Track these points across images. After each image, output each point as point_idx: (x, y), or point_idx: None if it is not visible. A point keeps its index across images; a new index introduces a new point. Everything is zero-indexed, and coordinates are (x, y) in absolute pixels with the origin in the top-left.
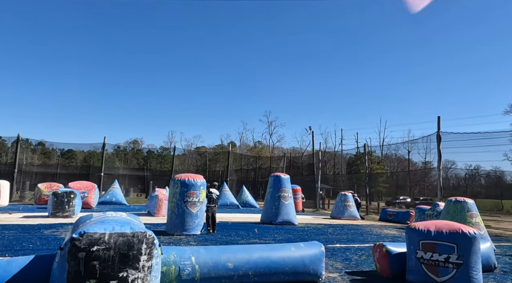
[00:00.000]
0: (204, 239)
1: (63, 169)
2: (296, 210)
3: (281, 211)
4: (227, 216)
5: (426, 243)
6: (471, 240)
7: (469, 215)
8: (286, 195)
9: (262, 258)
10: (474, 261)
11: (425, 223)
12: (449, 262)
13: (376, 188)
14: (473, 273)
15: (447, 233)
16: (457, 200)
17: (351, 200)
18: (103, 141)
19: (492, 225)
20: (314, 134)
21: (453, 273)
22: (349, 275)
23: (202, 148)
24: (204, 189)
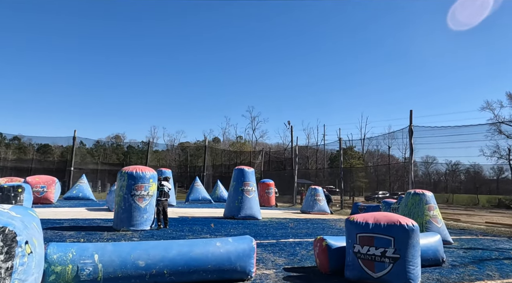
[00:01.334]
0: (150, 235)
1: (38, 164)
2: (269, 205)
3: (244, 205)
4: (192, 211)
5: (363, 236)
6: (409, 232)
7: (427, 208)
8: (250, 189)
9: (181, 255)
10: (411, 255)
11: (364, 215)
12: (385, 256)
13: (356, 183)
14: (410, 268)
15: (385, 225)
16: (416, 192)
17: (321, 194)
18: (73, 135)
19: (463, 218)
20: (293, 129)
21: (389, 268)
22: (286, 271)
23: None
24: (155, 182)
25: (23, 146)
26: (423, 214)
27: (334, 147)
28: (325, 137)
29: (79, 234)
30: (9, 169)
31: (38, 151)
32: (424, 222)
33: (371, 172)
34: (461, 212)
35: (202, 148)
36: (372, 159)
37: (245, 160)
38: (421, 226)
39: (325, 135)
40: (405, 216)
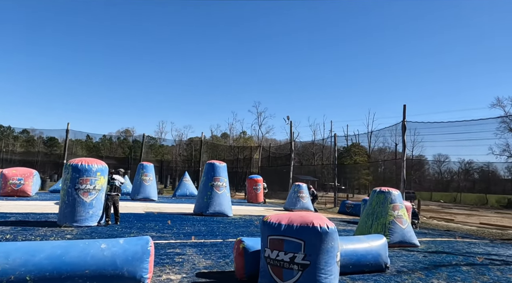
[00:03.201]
0: (91, 232)
1: (45, 157)
2: (257, 201)
3: (213, 201)
4: (166, 206)
5: (274, 239)
6: (321, 236)
7: (391, 207)
8: (220, 184)
9: (51, 259)
10: (324, 261)
11: (280, 215)
12: (294, 262)
13: (359, 180)
14: (321, 277)
15: (297, 227)
16: (381, 190)
17: (305, 191)
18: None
19: (460, 219)
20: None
21: (297, 276)
22: (197, 277)
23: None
24: (103, 175)
25: (31, 139)
26: (386, 214)
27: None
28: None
29: (14, 230)
30: (16, 161)
31: (46, 144)
32: (387, 223)
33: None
34: (464, 212)
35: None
36: (380, 156)
37: (248, 156)
38: (384, 227)
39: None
40: (369, 216)
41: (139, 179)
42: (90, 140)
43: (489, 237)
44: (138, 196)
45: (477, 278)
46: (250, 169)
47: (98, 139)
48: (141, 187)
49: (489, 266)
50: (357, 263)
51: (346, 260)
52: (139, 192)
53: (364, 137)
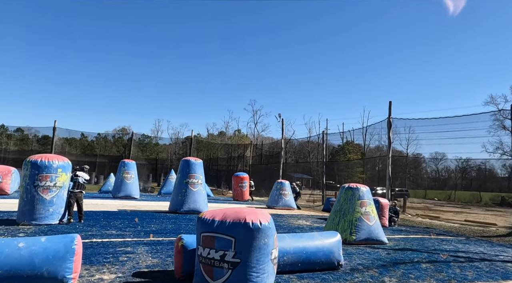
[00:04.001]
0: (47, 230)
1: None
2: (243, 199)
3: (187, 199)
4: (144, 204)
5: (206, 236)
6: (253, 232)
7: (359, 204)
8: (195, 181)
9: None
10: (256, 259)
11: (216, 210)
12: (224, 260)
13: (352, 178)
14: (252, 275)
15: (229, 223)
16: (350, 186)
17: (287, 188)
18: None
19: (449, 216)
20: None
21: (227, 275)
22: (133, 276)
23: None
24: (65, 172)
25: (25, 138)
26: (354, 211)
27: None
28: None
29: None
30: (10, 160)
31: (39, 143)
32: (354, 219)
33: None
34: (455, 209)
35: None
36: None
37: (242, 154)
38: (351, 224)
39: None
40: (336, 213)
41: (120, 176)
42: (85, 139)
43: (468, 234)
44: (119, 194)
45: (432, 275)
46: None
47: (93, 138)
48: (122, 185)
49: (451, 263)
50: (307, 260)
51: (295, 257)
52: (120, 190)
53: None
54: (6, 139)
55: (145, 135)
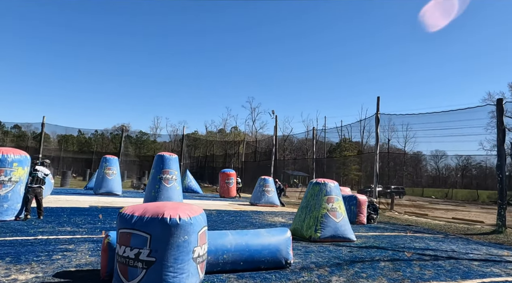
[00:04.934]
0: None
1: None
2: (229, 196)
3: (160, 195)
4: (123, 201)
5: (123, 232)
6: (170, 229)
7: (325, 200)
8: (170, 177)
9: None
10: (173, 258)
11: (138, 205)
12: (139, 259)
13: (349, 176)
14: (168, 275)
15: (147, 219)
16: (317, 182)
17: (270, 185)
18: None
19: (433, 214)
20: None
21: (142, 275)
22: (53, 277)
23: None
24: (22, 166)
25: (23, 134)
26: (320, 207)
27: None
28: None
29: None
30: None
31: (35, 139)
32: (320, 216)
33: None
34: (448, 207)
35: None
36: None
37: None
38: (316, 220)
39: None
40: (303, 209)
41: (101, 173)
42: (82, 135)
43: (450, 232)
44: (100, 190)
45: (386, 275)
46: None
47: (90, 134)
48: (103, 181)
49: (413, 262)
50: (250, 259)
51: (236, 256)
52: (101, 186)
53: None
54: (2, 136)
55: (142, 132)
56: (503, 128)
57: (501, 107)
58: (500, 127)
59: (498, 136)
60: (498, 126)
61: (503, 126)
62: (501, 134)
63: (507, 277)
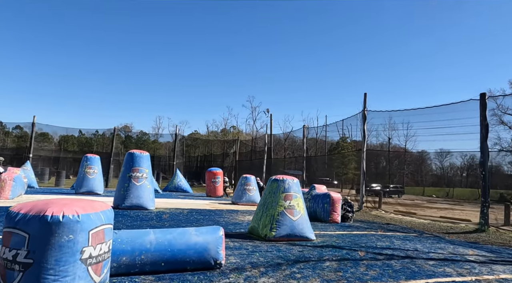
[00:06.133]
0: None
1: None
2: (215, 195)
3: (130, 194)
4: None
5: (6, 232)
6: (51, 227)
7: (283, 197)
8: (140, 175)
9: None
10: (54, 260)
11: (29, 202)
12: (16, 261)
13: (347, 175)
14: (48, 279)
15: (29, 216)
16: (276, 179)
17: (252, 183)
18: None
19: (422, 213)
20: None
21: (18, 278)
22: None
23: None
24: None
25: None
26: (277, 205)
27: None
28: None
29: None
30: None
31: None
32: (276, 214)
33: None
34: (445, 206)
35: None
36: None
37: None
38: (272, 219)
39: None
40: (260, 207)
41: (82, 172)
42: (83, 136)
43: (427, 231)
44: (81, 189)
45: (323, 275)
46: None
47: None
48: (84, 180)
49: (363, 261)
50: (172, 259)
51: (156, 256)
52: (82, 185)
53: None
54: (3, 137)
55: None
56: (486, 123)
57: (484, 102)
58: (483, 122)
59: (481, 132)
60: (481, 122)
61: (486, 122)
62: (484, 130)
63: (456, 277)
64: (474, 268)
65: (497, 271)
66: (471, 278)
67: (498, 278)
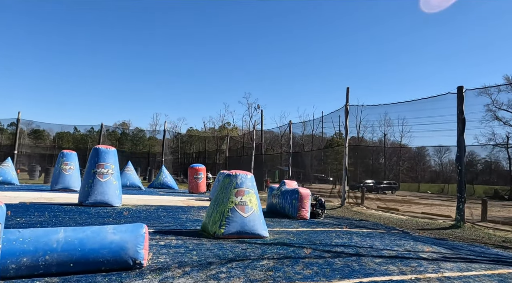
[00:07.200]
0: None
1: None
2: (198, 191)
3: (94, 190)
4: (64, 196)
5: None
6: None
7: (234, 192)
8: (105, 171)
9: None
10: None
11: None
12: None
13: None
14: None
15: None
16: (228, 174)
17: None
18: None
19: (407, 209)
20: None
21: None
22: None
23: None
24: None
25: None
26: (228, 201)
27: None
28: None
29: None
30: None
31: (29, 136)
32: (227, 210)
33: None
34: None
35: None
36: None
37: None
38: (222, 215)
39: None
40: (212, 203)
41: (58, 168)
42: (78, 132)
43: (398, 227)
44: (56, 186)
45: (250, 274)
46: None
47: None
48: (60, 177)
49: (304, 259)
50: (83, 260)
51: (64, 256)
52: (57, 182)
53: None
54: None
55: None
56: (463, 117)
57: (461, 95)
58: (459, 116)
59: (458, 126)
60: (458, 116)
61: (462, 116)
62: (461, 124)
63: (395, 276)
64: (421, 266)
65: (445, 268)
66: (410, 277)
67: (441, 276)
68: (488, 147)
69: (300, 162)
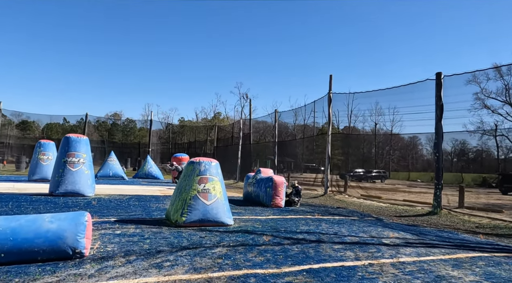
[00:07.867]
0: None
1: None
2: None
3: (65, 179)
4: (40, 187)
5: None
6: None
7: (197, 180)
8: (76, 160)
9: None
10: None
11: None
12: None
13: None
14: None
15: None
16: (192, 161)
17: None
18: None
19: (390, 196)
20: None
21: None
22: None
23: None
24: None
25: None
26: (190, 188)
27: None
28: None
29: None
30: None
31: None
32: (189, 198)
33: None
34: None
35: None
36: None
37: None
38: (184, 203)
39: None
40: (175, 191)
41: (36, 158)
42: (67, 123)
43: (373, 214)
44: (33, 176)
45: (198, 263)
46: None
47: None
48: (37, 167)
49: (260, 247)
50: (15, 249)
51: None
52: (35, 172)
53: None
54: None
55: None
56: (441, 104)
57: (440, 81)
58: (438, 103)
59: (436, 112)
60: (436, 102)
61: (440, 102)
62: (439, 110)
63: (348, 262)
64: (379, 251)
65: (403, 253)
66: (364, 262)
67: (396, 261)
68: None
69: (290, 151)
